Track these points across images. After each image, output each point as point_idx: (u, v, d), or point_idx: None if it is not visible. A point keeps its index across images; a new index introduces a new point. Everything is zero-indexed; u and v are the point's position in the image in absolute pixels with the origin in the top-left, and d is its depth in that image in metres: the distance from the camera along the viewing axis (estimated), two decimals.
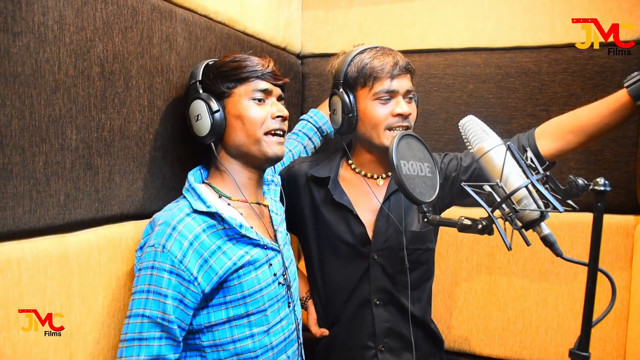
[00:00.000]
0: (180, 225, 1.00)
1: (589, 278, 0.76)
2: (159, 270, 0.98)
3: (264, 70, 1.12)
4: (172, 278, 0.98)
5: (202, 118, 1.10)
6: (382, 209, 1.30)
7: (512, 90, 1.62)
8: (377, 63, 1.25)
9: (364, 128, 1.28)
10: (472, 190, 0.90)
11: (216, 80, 1.12)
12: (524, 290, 1.59)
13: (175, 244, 0.99)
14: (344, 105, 1.27)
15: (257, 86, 1.12)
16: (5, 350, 0.82)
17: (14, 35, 0.83)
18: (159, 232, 1.00)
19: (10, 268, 0.83)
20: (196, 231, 1.01)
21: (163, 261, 0.98)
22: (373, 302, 1.30)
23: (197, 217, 1.04)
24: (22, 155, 0.86)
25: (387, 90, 1.24)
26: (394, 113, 1.25)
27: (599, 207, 0.74)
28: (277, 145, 1.13)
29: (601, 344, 1.50)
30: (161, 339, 0.97)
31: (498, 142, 0.95)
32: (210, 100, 1.10)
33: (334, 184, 1.33)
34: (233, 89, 1.11)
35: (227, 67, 1.12)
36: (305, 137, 1.54)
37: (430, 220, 0.97)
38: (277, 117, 1.13)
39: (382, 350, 1.30)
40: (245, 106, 1.11)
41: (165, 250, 0.98)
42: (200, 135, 1.12)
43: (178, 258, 0.98)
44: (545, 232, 0.88)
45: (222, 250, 1.04)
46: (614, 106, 1.11)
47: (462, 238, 1.65)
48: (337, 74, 1.31)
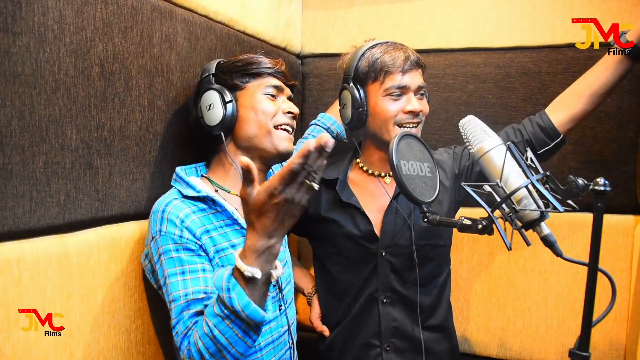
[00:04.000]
0: (169, 207, 1.02)
1: (589, 278, 0.76)
2: (166, 253, 0.99)
3: (276, 68, 1.16)
4: (181, 254, 0.99)
5: (214, 107, 1.12)
6: (390, 206, 1.31)
7: (512, 90, 1.62)
8: (388, 57, 1.24)
9: (374, 123, 1.28)
10: (472, 190, 0.90)
11: (230, 74, 1.15)
12: (524, 290, 1.59)
13: (169, 224, 1.00)
14: (354, 100, 1.27)
15: (269, 82, 1.15)
16: (5, 350, 0.82)
17: (14, 35, 0.83)
18: (152, 222, 1.02)
19: (10, 268, 0.83)
20: (185, 211, 1.03)
21: (165, 243, 1.00)
22: (380, 300, 1.30)
23: (186, 201, 1.05)
24: (22, 155, 0.86)
25: (399, 86, 1.24)
26: (405, 110, 1.24)
27: (599, 207, 0.74)
28: (287, 141, 1.15)
29: (601, 344, 1.50)
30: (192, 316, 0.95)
31: (498, 142, 0.95)
32: (224, 91, 1.13)
33: (342, 185, 1.33)
34: (247, 83, 1.15)
35: (242, 62, 1.15)
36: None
37: (430, 220, 0.98)
38: (288, 112, 1.15)
39: (387, 349, 1.30)
40: (258, 99, 1.14)
41: (163, 233, 1.00)
42: (211, 124, 1.13)
43: (177, 234, 1.00)
44: (545, 232, 0.88)
45: (210, 235, 1.04)
46: (611, 61, 1.21)
47: (462, 238, 1.65)
48: (347, 69, 1.30)
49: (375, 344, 1.30)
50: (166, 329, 1.17)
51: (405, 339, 1.30)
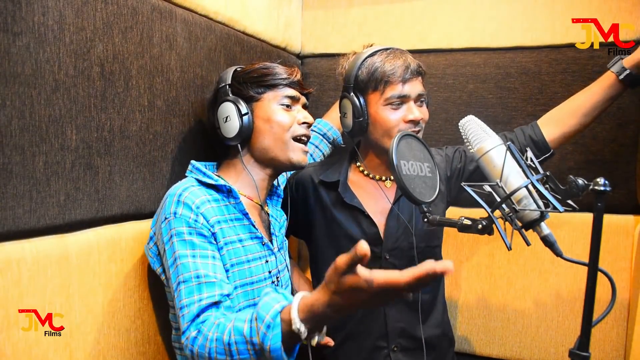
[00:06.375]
0: (186, 192, 1.03)
1: (589, 278, 0.76)
2: (178, 234, 1.00)
3: (292, 78, 1.17)
4: (193, 238, 1.00)
5: (231, 120, 1.14)
6: (392, 210, 1.31)
7: (512, 90, 1.62)
8: (388, 67, 1.24)
9: (375, 132, 1.28)
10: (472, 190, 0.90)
11: (245, 85, 1.16)
12: (524, 290, 1.59)
13: (185, 208, 1.01)
14: (354, 109, 1.27)
15: (285, 93, 1.16)
16: (5, 350, 0.82)
17: (14, 35, 0.83)
18: (167, 205, 1.03)
19: (10, 268, 0.83)
20: (202, 198, 1.04)
21: (179, 225, 1.00)
22: None
23: (202, 188, 1.07)
24: (22, 155, 0.86)
25: (399, 96, 1.24)
26: (406, 119, 1.25)
27: (599, 207, 0.74)
28: (302, 154, 1.18)
29: (601, 344, 1.50)
30: (201, 300, 0.95)
31: (498, 142, 0.95)
32: (239, 103, 1.14)
33: (344, 187, 1.33)
34: (262, 94, 1.16)
35: (257, 73, 1.16)
36: (311, 145, 1.57)
37: (430, 221, 0.97)
38: (303, 123, 1.17)
39: (395, 350, 1.31)
40: (273, 110, 1.15)
41: (177, 216, 1.01)
42: (228, 136, 1.15)
43: (192, 218, 1.01)
44: (545, 232, 0.88)
45: (221, 226, 1.05)
46: (604, 84, 1.25)
47: (462, 238, 1.65)
48: (347, 77, 1.30)
49: (382, 346, 1.31)
50: (166, 329, 1.17)
51: (411, 338, 1.31)
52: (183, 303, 0.95)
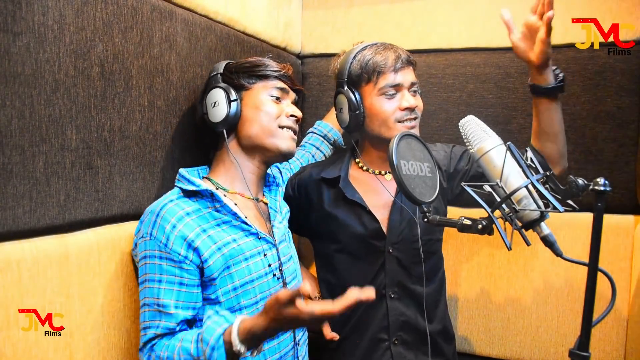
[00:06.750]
0: (163, 211, 1.03)
1: (589, 278, 0.76)
2: (150, 257, 1.02)
3: (283, 72, 1.19)
4: (163, 263, 1.01)
5: (219, 105, 1.15)
6: (394, 203, 1.32)
7: (512, 90, 1.62)
8: (379, 58, 1.26)
9: (372, 124, 1.29)
10: (472, 190, 0.90)
11: (237, 74, 1.18)
12: (524, 290, 1.59)
13: (159, 230, 1.02)
14: (350, 103, 1.29)
15: (275, 84, 1.18)
16: (5, 350, 0.82)
17: (14, 35, 0.83)
18: (146, 222, 1.04)
19: (10, 268, 0.83)
20: (179, 214, 1.04)
21: (152, 248, 1.02)
22: (388, 295, 1.31)
23: (182, 202, 1.07)
24: (22, 155, 0.86)
25: (392, 85, 1.26)
26: (401, 107, 1.26)
27: (599, 207, 0.74)
28: (290, 141, 1.18)
29: (601, 344, 1.50)
30: (158, 327, 1.00)
31: (498, 142, 0.95)
32: (229, 90, 1.15)
33: (345, 183, 1.34)
34: (253, 84, 1.18)
35: (249, 63, 1.19)
36: (312, 147, 1.57)
37: (430, 220, 0.97)
38: (291, 116, 1.18)
39: (396, 343, 1.31)
40: (262, 100, 1.17)
41: (152, 237, 1.02)
42: (215, 121, 1.16)
43: (163, 242, 1.01)
44: (545, 232, 0.88)
45: (207, 234, 1.05)
46: (534, 105, 1.27)
47: (462, 238, 1.65)
48: (340, 73, 1.32)
49: (383, 338, 1.32)
50: None
51: (412, 332, 1.32)
52: (145, 324, 1.01)
